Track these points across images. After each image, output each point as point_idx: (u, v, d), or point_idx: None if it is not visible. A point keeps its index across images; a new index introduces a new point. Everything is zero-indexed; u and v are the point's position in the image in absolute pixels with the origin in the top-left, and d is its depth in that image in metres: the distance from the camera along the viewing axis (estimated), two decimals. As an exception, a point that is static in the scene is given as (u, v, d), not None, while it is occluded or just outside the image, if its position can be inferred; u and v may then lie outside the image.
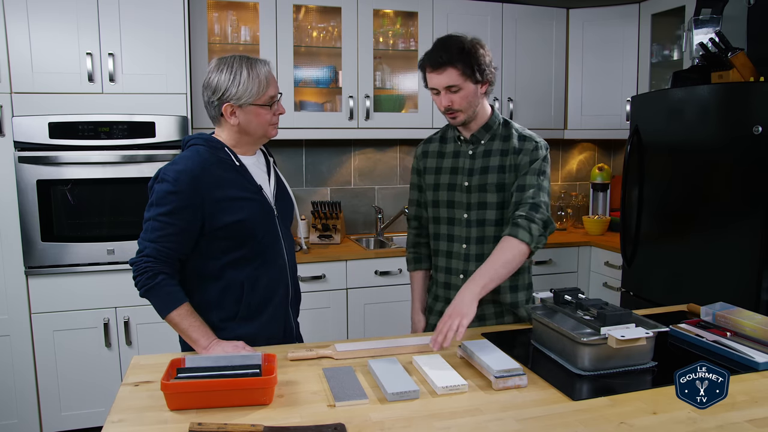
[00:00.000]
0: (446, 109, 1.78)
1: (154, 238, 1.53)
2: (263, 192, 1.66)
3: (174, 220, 1.53)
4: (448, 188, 1.89)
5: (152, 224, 1.54)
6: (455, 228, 1.88)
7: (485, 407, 1.25)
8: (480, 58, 1.74)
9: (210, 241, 1.60)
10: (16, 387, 2.74)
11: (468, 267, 1.87)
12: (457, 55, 1.72)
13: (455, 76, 1.73)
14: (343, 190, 3.71)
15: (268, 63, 1.65)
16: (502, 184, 1.82)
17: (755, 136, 2.35)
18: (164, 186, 1.54)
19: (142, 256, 1.54)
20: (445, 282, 1.93)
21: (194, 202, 1.54)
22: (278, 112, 1.66)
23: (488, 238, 1.84)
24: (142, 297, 1.57)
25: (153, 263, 1.53)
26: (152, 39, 2.78)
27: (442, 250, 1.93)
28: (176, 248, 1.55)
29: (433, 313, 1.99)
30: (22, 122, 2.61)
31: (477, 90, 1.77)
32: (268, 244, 1.66)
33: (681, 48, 3.31)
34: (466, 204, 1.85)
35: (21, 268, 2.70)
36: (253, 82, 1.58)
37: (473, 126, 1.86)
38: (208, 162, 1.59)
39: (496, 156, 1.84)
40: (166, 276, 1.54)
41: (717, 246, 2.56)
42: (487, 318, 1.89)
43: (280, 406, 1.26)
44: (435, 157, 1.95)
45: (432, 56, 1.75)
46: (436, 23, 3.40)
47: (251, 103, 1.59)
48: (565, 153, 4.16)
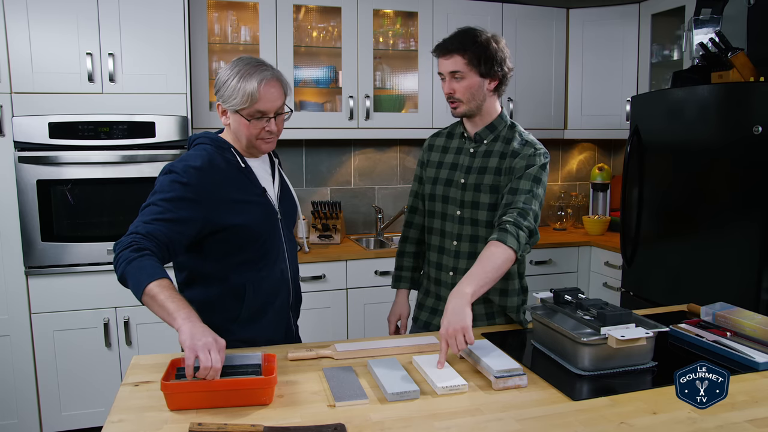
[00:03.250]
0: (448, 96, 1.80)
1: (149, 220, 1.44)
2: (267, 195, 1.65)
3: (173, 207, 1.46)
4: (445, 183, 1.89)
5: (150, 208, 1.47)
6: (447, 224, 1.89)
7: (485, 407, 1.25)
8: (491, 51, 1.75)
9: (212, 243, 1.58)
10: (16, 387, 2.74)
11: (458, 264, 1.87)
12: (468, 44, 1.73)
13: (461, 63, 1.74)
14: (343, 190, 3.71)
15: (272, 78, 1.53)
16: (496, 186, 1.81)
17: (755, 136, 2.35)
18: (171, 176, 1.50)
19: (129, 234, 1.41)
20: (435, 278, 1.94)
21: (198, 197, 1.50)
22: (267, 129, 1.56)
23: (481, 237, 1.84)
24: (120, 279, 1.38)
25: (140, 239, 1.40)
26: (152, 39, 2.78)
27: (434, 245, 1.94)
28: (168, 235, 1.44)
29: (423, 309, 2.00)
30: (22, 122, 2.61)
31: (482, 84, 1.77)
32: (271, 247, 1.65)
33: (681, 48, 3.31)
34: (460, 201, 1.85)
35: (21, 268, 2.70)
36: (237, 93, 1.51)
37: (478, 122, 1.86)
38: (216, 161, 1.57)
39: (495, 158, 1.84)
40: (151, 254, 1.38)
41: (717, 246, 2.56)
42: (478, 318, 1.86)
43: (280, 406, 1.26)
44: (438, 152, 1.96)
45: (444, 42, 1.78)
46: (436, 23, 3.40)
47: (236, 111, 1.55)
48: (565, 153, 4.16)
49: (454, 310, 1.46)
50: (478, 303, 1.86)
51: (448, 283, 1.90)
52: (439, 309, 1.94)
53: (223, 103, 1.56)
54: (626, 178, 3.03)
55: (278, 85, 1.56)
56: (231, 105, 1.54)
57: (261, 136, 1.58)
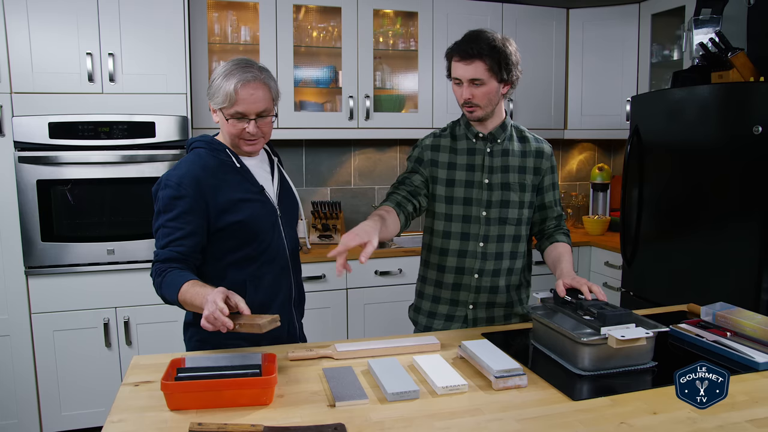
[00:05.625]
0: (465, 101, 1.78)
1: (164, 244, 1.54)
2: (266, 192, 1.66)
3: (181, 224, 1.54)
4: (465, 185, 1.84)
5: (161, 231, 1.55)
6: (471, 226, 1.85)
7: (485, 407, 1.25)
8: (509, 56, 1.74)
9: (212, 242, 1.60)
10: (16, 387, 2.74)
11: (484, 266, 1.84)
12: (487, 49, 1.71)
13: (482, 70, 1.73)
14: (343, 190, 3.71)
15: (254, 80, 1.54)
16: (523, 184, 1.85)
17: (755, 136, 2.35)
18: (168, 192, 1.55)
19: (154, 262, 1.55)
20: (454, 282, 1.87)
21: (199, 205, 1.55)
22: (247, 130, 1.57)
23: (508, 236, 1.85)
24: (161, 297, 1.53)
25: (163, 264, 1.53)
26: (152, 39, 2.78)
27: (453, 249, 1.86)
28: (186, 251, 1.54)
29: (437, 317, 1.91)
30: (22, 122, 2.61)
31: (499, 89, 1.78)
32: (270, 244, 1.66)
33: (681, 48, 3.31)
34: (486, 201, 1.83)
35: (21, 268, 2.70)
36: (219, 92, 1.55)
37: (489, 124, 1.85)
38: (210, 164, 1.60)
39: (516, 156, 1.85)
40: (175, 269, 1.52)
41: (717, 246, 2.56)
42: (497, 321, 1.91)
43: (280, 406, 1.26)
44: (447, 152, 1.87)
45: (462, 46, 1.74)
46: (436, 23, 3.40)
47: (219, 109, 1.58)
48: (565, 153, 4.16)
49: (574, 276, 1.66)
50: (498, 307, 1.91)
51: (471, 286, 1.86)
52: (456, 315, 1.89)
53: (209, 101, 1.60)
54: (626, 178, 3.03)
55: (262, 87, 1.56)
56: (215, 103, 1.58)
57: (242, 136, 1.59)
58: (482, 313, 1.89)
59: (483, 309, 1.88)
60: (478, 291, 1.86)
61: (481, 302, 1.88)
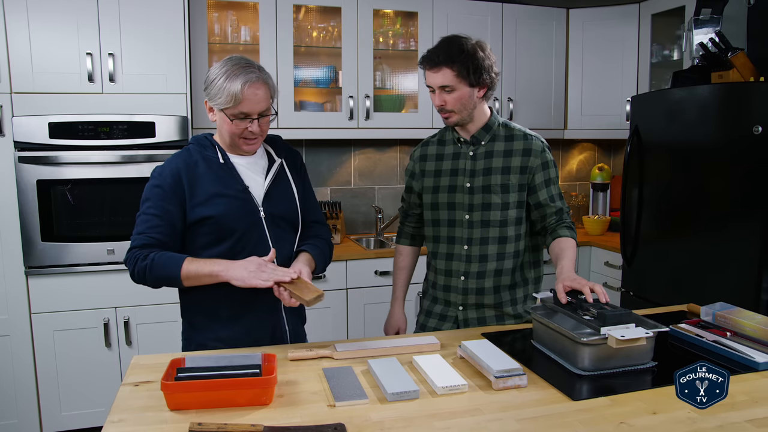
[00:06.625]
0: (439, 108, 1.80)
1: (142, 230, 1.59)
2: (249, 191, 1.65)
3: (157, 210, 1.58)
4: (449, 190, 1.88)
5: (140, 218, 1.61)
6: (456, 230, 1.88)
7: (485, 407, 1.25)
8: (479, 61, 1.74)
9: (189, 237, 1.63)
10: (16, 387, 2.74)
11: (469, 268, 1.87)
12: (455, 55, 1.72)
13: (450, 77, 1.73)
14: (343, 190, 3.71)
15: (257, 80, 1.55)
16: (506, 185, 1.82)
17: (755, 136, 2.35)
18: (150, 182, 1.63)
19: (131, 249, 1.59)
20: (444, 284, 1.93)
21: (175, 193, 1.59)
22: (249, 129, 1.59)
23: (492, 239, 1.84)
24: (138, 283, 1.59)
25: (141, 251, 1.56)
26: (152, 39, 2.78)
27: (441, 252, 1.92)
28: (162, 238, 1.58)
29: (432, 315, 1.97)
30: (22, 122, 2.61)
31: (472, 93, 1.77)
32: (249, 244, 1.63)
33: (681, 48, 3.32)
34: (468, 205, 1.85)
35: (21, 268, 2.70)
36: (223, 93, 1.55)
37: (471, 128, 1.86)
38: (193, 159, 1.63)
39: (499, 157, 1.84)
40: (158, 251, 1.56)
41: (717, 246, 2.56)
42: (488, 321, 1.91)
43: (280, 406, 1.26)
44: (434, 160, 1.94)
45: (430, 55, 1.76)
46: (436, 23, 3.40)
47: (221, 109, 1.59)
48: (565, 153, 4.16)
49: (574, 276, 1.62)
50: (489, 308, 1.89)
51: (459, 288, 1.89)
52: (448, 315, 1.93)
53: (209, 101, 1.60)
54: (626, 178, 3.03)
55: (263, 87, 1.58)
56: (216, 103, 1.58)
57: (243, 135, 1.61)
58: (472, 314, 1.91)
59: (473, 310, 1.90)
60: (465, 293, 1.89)
61: (470, 303, 1.90)
